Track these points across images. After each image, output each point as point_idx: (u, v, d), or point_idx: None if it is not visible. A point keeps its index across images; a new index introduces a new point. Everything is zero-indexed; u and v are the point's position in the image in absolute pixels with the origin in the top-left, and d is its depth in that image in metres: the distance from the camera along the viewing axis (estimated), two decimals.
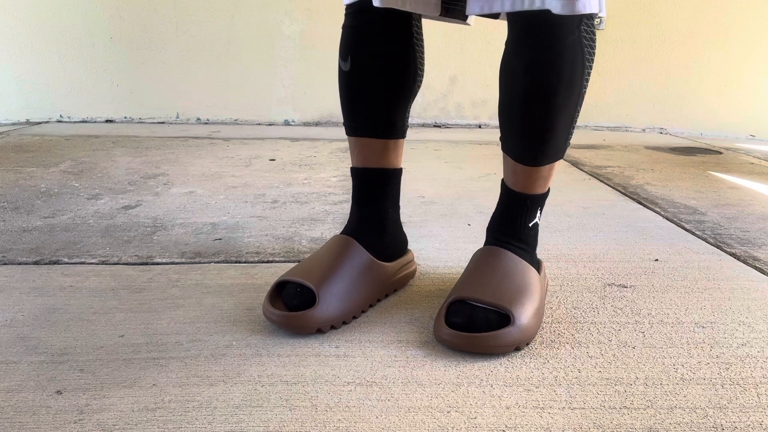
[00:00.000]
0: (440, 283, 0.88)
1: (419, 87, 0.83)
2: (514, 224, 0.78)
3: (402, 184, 0.86)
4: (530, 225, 0.79)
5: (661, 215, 1.28)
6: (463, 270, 0.92)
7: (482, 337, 0.67)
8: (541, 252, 1.02)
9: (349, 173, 1.59)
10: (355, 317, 0.76)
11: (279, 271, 0.91)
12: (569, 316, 0.79)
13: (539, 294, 0.74)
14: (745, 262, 1.00)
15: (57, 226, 1.11)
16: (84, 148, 1.93)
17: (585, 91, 0.73)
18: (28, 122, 2.49)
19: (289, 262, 0.96)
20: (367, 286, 0.78)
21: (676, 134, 2.66)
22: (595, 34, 0.71)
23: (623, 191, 1.49)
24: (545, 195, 0.79)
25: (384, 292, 0.82)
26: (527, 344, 0.70)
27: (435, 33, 2.37)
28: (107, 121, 2.55)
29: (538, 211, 0.79)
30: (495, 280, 0.73)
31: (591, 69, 0.73)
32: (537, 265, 0.79)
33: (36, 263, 0.93)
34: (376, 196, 0.83)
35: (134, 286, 0.85)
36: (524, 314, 0.69)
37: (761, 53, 2.62)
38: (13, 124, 2.46)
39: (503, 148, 0.78)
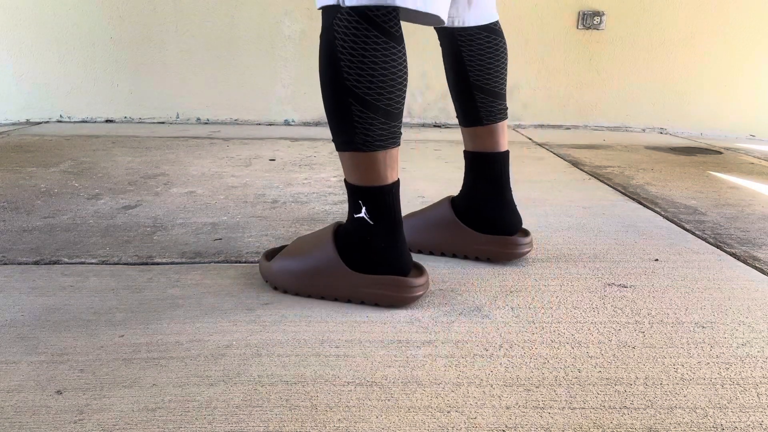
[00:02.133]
0: (440, 282, 0.88)
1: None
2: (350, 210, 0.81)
3: (402, 183, 0.86)
4: (355, 216, 0.78)
5: (661, 215, 1.28)
6: (462, 269, 0.93)
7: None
8: (541, 252, 1.02)
9: None
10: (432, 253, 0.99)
11: None
12: (569, 316, 0.79)
13: (302, 257, 0.83)
14: (745, 262, 1.00)
15: (57, 226, 1.11)
16: (84, 148, 1.93)
17: (348, 83, 0.72)
18: (28, 122, 2.49)
19: None
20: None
21: (676, 134, 2.66)
22: (354, 25, 0.70)
23: (623, 191, 1.49)
24: (358, 188, 0.77)
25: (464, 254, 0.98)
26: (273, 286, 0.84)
27: (434, 32, 2.37)
28: (107, 121, 2.55)
29: (361, 206, 0.77)
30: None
31: (352, 61, 0.71)
32: (343, 257, 0.79)
33: (36, 263, 0.93)
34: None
35: (134, 286, 0.85)
36: (278, 260, 0.84)
37: (761, 53, 2.63)
38: (13, 124, 2.46)
39: None
